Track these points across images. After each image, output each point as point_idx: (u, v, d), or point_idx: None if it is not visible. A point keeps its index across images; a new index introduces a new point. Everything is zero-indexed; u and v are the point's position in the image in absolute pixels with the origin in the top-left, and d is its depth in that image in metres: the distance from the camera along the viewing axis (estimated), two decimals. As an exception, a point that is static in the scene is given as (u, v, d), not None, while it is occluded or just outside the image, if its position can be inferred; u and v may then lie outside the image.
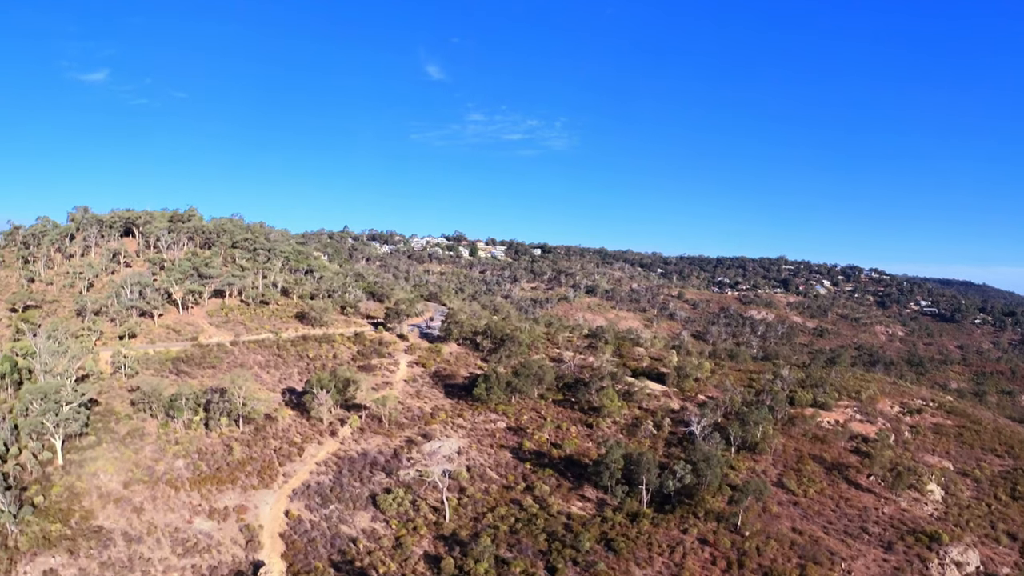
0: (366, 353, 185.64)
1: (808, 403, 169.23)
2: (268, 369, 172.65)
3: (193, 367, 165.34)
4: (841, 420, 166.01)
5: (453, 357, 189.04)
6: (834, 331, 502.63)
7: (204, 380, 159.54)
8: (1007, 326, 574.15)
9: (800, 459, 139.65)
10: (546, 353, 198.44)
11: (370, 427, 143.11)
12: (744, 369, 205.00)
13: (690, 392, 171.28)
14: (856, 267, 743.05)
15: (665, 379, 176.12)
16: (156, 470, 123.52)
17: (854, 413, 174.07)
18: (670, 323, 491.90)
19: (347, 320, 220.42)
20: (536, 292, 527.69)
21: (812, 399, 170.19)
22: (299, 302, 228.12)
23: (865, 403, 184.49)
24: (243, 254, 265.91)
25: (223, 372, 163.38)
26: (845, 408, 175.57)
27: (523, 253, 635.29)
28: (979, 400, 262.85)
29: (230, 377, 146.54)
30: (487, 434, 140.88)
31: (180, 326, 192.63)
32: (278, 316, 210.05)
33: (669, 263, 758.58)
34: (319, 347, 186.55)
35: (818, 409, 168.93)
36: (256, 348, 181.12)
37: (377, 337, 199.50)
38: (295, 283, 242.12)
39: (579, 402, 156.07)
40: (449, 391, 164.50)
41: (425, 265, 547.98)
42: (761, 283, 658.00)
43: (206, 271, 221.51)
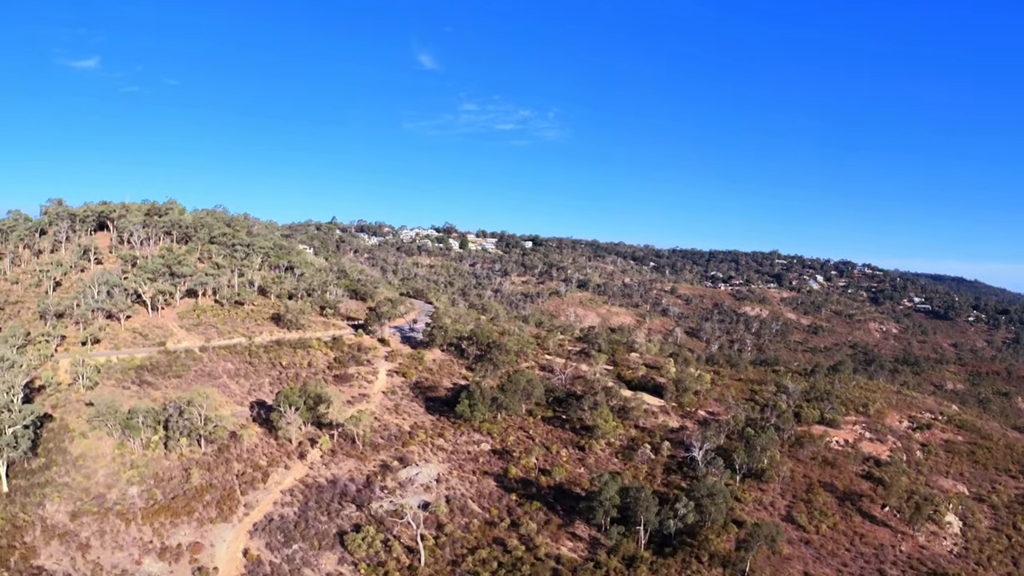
0: (343, 360, 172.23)
1: (815, 420, 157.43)
2: (237, 379, 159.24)
3: (158, 376, 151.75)
4: (851, 439, 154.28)
5: (436, 365, 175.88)
6: (829, 328, 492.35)
7: (168, 391, 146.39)
8: (1000, 324, 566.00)
9: (810, 487, 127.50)
10: (535, 360, 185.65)
11: (342, 449, 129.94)
12: (745, 379, 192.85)
13: (689, 407, 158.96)
14: (849, 262, 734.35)
15: (663, 392, 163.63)
16: (107, 499, 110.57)
17: (863, 431, 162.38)
18: (663, 319, 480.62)
19: (326, 322, 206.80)
20: (527, 286, 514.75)
21: (819, 416, 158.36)
22: (276, 302, 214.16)
23: (873, 418, 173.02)
24: (220, 250, 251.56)
25: (189, 382, 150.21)
26: (853, 425, 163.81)
27: (514, 246, 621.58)
28: (983, 408, 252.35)
29: (190, 394, 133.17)
30: (470, 458, 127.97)
31: (148, 329, 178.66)
32: (253, 318, 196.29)
33: (662, 256, 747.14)
34: (294, 353, 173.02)
35: (826, 427, 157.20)
36: (227, 354, 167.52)
37: (356, 342, 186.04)
38: (274, 281, 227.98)
39: (570, 420, 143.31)
40: (430, 405, 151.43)
41: (414, 257, 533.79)
42: (754, 278, 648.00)
43: (179, 269, 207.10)
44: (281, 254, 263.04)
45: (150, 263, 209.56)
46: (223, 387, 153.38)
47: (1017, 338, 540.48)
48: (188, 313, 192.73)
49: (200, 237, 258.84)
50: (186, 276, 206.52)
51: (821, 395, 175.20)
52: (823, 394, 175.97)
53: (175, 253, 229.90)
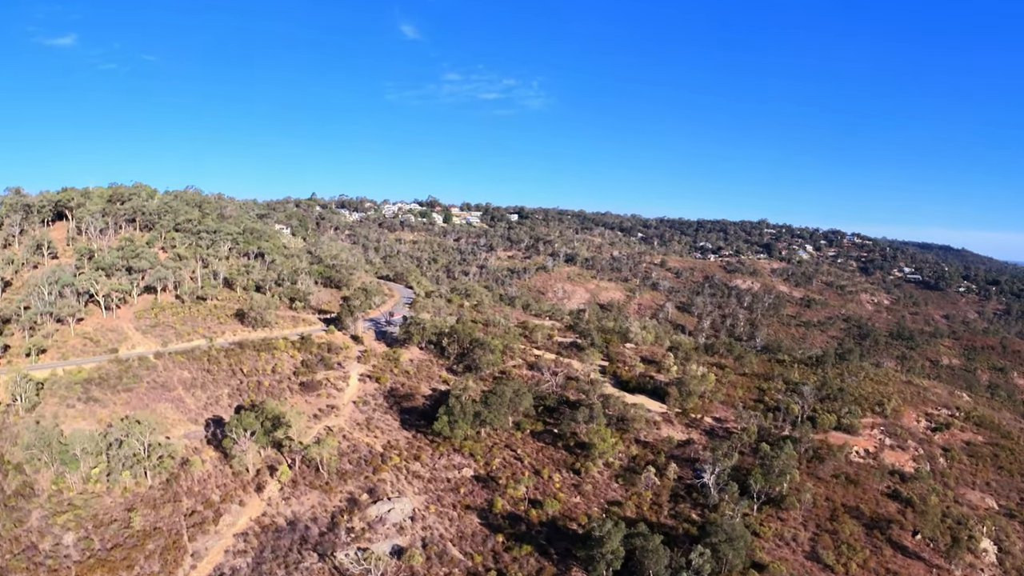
0: (311, 364, 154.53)
1: (832, 426, 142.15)
2: (193, 390, 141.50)
3: (106, 391, 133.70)
4: (871, 448, 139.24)
5: (414, 367, 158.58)
6: (821, 301, 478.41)
7: (117, 408, 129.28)
8: (991, 295, 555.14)
9: (834, 514, 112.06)
10: (523, 358, 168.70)
11: (304, 478, 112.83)
12: (750, 373, 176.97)
13: (694, 412, 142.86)
14: (838, 231, 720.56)
15: (664, 396, 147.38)
16: (40, 550, 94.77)
17: (882, 436, 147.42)
18: (653, 294, 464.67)
19: (295, 317, 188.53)
20: (513, 261, 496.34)
21: (836, 421, 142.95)
22: (243, 295, 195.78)
23: (891, 419, 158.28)
24: (185, 238, 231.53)
25: (140, 397, 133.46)
26: (872, 430, 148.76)
27: (499, 219, 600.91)
28: (991, 394, 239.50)
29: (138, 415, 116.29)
30: (449, 487, 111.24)
31: (101, 333, 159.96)
32: (215, 316, 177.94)
33: (649, 226, 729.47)
34: (257, 357, 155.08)
35: (844, 434, 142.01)
36: (184, 360, 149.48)
37: (326, 341, 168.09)
38: (241, 272, 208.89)
39: (563, 435, 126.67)
40: (406, 418, 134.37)
41: (397, 233, 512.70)
42: (744, 248, 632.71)
43: (136, 264, 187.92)
44: (251, 240, 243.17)
45: (106, 257, 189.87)
46: (177, 401, 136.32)
47: (1008, 309, 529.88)
48: (146, 312, 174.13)
49: (163, 225, 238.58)
50: (144, 271, 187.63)
51: (834, 393, 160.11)
52: (836, 392, 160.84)
53: (134, 245, 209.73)
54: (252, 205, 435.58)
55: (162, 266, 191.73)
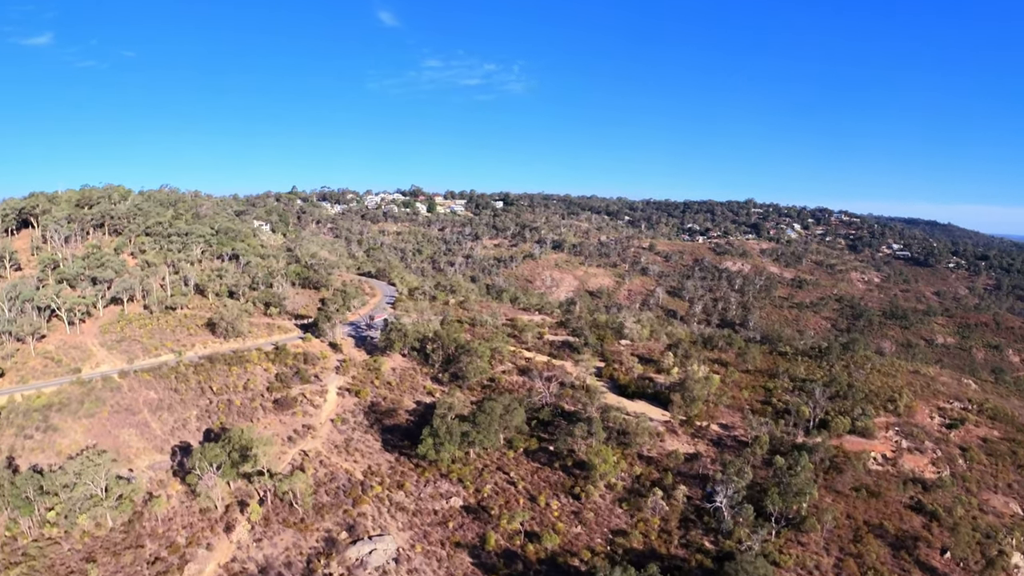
0: (286, 378, 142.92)
1: (846, 429, 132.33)
2: (160, 413, 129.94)
3: (67, 417, 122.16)
4: (888, 453, 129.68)
5: (396, 377, 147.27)
6: (812, 281, 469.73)
7: (78, 438, 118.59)
8: (981, 270, 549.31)
9: (857, 534, 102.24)
10: (512, 362, 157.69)
11: (278, 514, 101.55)
12: (754, 370, 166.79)
13: (699, 419, 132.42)
14: (826, 209, 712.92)
15: (666, 401, 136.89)
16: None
17: (898, 438, 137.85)
18: (643, 279, 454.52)
19: (270, 323, 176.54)
20: (499, 250, 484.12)
21: (850, 424, 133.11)
22: (215, 302, 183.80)
23: (904, 416, 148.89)
24: (156, 242, 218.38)
25: (103, 424, 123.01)
26: (886, 431, 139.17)
27: (484, 206, 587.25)
28: (996, 379, 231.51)
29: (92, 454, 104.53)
30: (437, 520, 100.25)
31: (63, 351, 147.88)
32: (185, 326, 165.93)
33: (636, 209, 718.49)
34: (228, 372, 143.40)
35: (859, 437, 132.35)
36: (150, 379, 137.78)
37: (302, 351, 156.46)
38: (212, 277, 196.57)
39: (560, 453, 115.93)
40: (388, 438, 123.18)
41: (380, 225, 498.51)
42: (732, 229, 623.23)
43: (101, 274, 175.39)
44: (225, 241, 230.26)
45: (70, 267, 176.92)
46: (142, 426, 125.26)
47: (998, 284, 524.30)
48: (112, 325, 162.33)
49: (132, 229, 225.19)
50: (110, 280, 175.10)
51: (843, 390, 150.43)
52: (845, 389, 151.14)
53: (100, 252, 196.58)
54: (230, 202, 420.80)
55: (129, 275, 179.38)
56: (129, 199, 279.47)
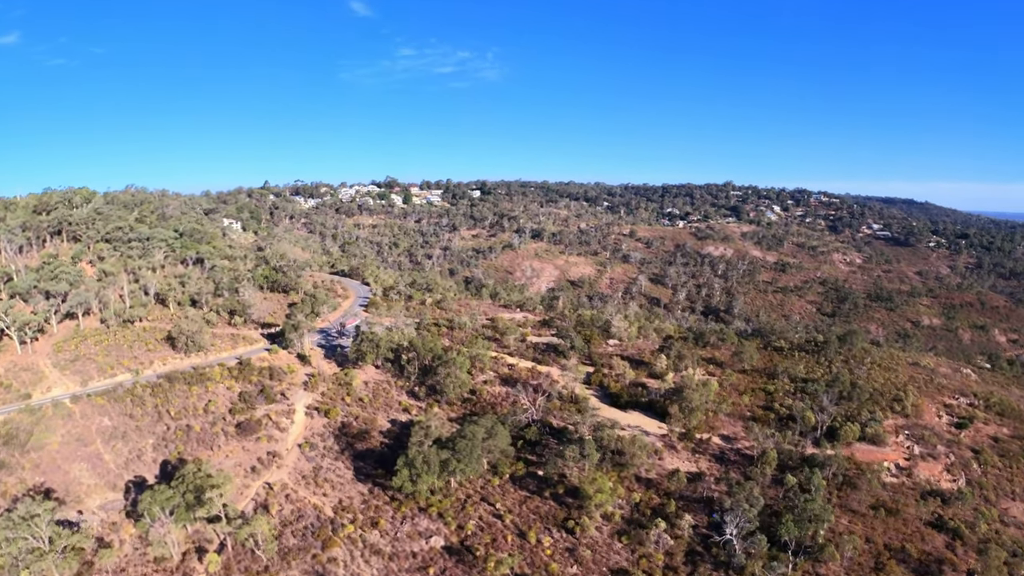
0: (250, 397, 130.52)
1: (856, 436, 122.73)
2: (113, 442, 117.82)
3: (14, 451, 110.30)
4: (902, 462, 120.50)
5: (369, 392, 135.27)
6: (796, 264, 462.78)
7: (25, 475, 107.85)
8: (962, 249, 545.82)
9: (878, 560, 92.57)
10: (494, 370, 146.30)
11: (239, 563, 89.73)
12: (751, 370, 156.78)
13: (699, 431, 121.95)
14: (805, 190, 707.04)
15: (663, 412, 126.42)
16: None
17: (910, 443, 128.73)
18: (624, 266, 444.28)
19: (234, 334, 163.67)
20: (478, 240, 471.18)
21: (860, 431, 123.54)
22: (176, 313, 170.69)
23: (912, 417, 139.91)
24: (115, 248, 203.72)
25: (53, 457, 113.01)
26: (896, 436, 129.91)
27: (461, 196, 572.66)
28: (992, 366, 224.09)
29: (38, 498, 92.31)
30: (416, 565, 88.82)
31: (13, 375, 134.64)
32: (143, 342, 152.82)
33: (614, 194, 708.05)
34: (187, 392, 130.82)
35: (870, 445, 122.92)
36: (104, 403, 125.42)
37: (268, 365, 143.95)
38: (174, 285, 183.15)
39: (549, 479, 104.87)
40: (361, 466, 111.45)
41: (355, 218, 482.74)
42: (712, 212, 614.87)
43: (54, 287, 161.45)
44: (188, 244, 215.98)
45: (23, 280, 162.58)
46: (94, 459, 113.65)
47: (979, 262, 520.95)
48: (66, 343, 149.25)
49: (91, 235, 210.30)
50: (64, 294, 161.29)
51: (847, 390, 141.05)
52: (849, 389, 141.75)
53: (55, 263, 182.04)
54: (199, 200, 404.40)
55: (85, 287, 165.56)
56: (93, 201, 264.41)
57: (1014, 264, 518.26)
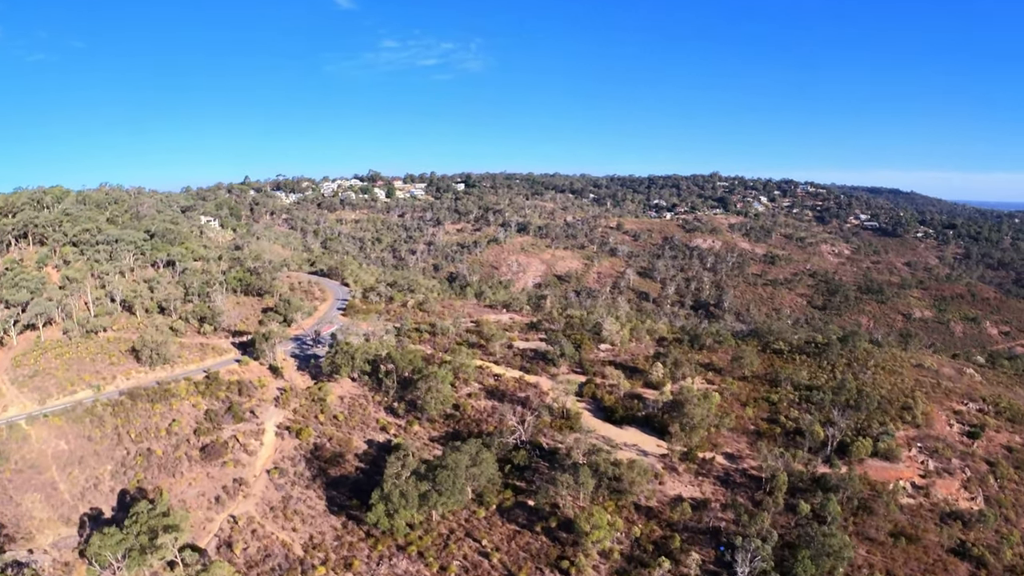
0: (216, 416, 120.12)
1: (868, 452, 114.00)
2: (70, 468, 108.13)
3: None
4: (918, 480, 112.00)
5: (344, 408, 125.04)
6: (785, 256, 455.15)
7: None
8: (949, 239, 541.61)
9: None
10: (479, 382, 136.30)
11: (191, 616, 79.71)
12: (751, 377, 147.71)
13: (701, 449, 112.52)
14: (791, 181, 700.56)
15: (661, 428, 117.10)
16: None
17: (924, 457, 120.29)
18: (612, 260, 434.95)
19: (203, 344, 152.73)
20: (462, 235, 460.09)
21: (872, 446, 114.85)
22: (143, 321, 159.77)
23: (923, 427, 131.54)
24: (82, 251, 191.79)
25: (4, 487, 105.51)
26: (909, 449, 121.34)
27: (445, 189, 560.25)
28: (991, 363, 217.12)
29: None
30: (394, 616, 79.20)
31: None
32: (107, 354, 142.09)
33: (600, 186, 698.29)
34: (150, 411, 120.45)
35: (883, 461, 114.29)
36: (62, 424, 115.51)
37: (238, 378, 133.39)
38: (141, 291, 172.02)
39: (540, 510, 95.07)
40: (334, 495, 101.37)
41: (337, 213, 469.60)
42: (698, 203, 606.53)
43: (14, 295, 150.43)
44: (159, 245, 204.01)
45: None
46: (48, 489, 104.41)
47: (967, 253, 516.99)
48: (25, 356, 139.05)
49: (57, 238, 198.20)
50: (25, 303, 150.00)
51: (853, 397, 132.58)
52: (855, 396, 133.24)
53: (17, 269, 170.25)
54: (177, 198, 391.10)
55: (47, 295, 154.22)
56: (64, 202, 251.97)
57: (1002, 254, 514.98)
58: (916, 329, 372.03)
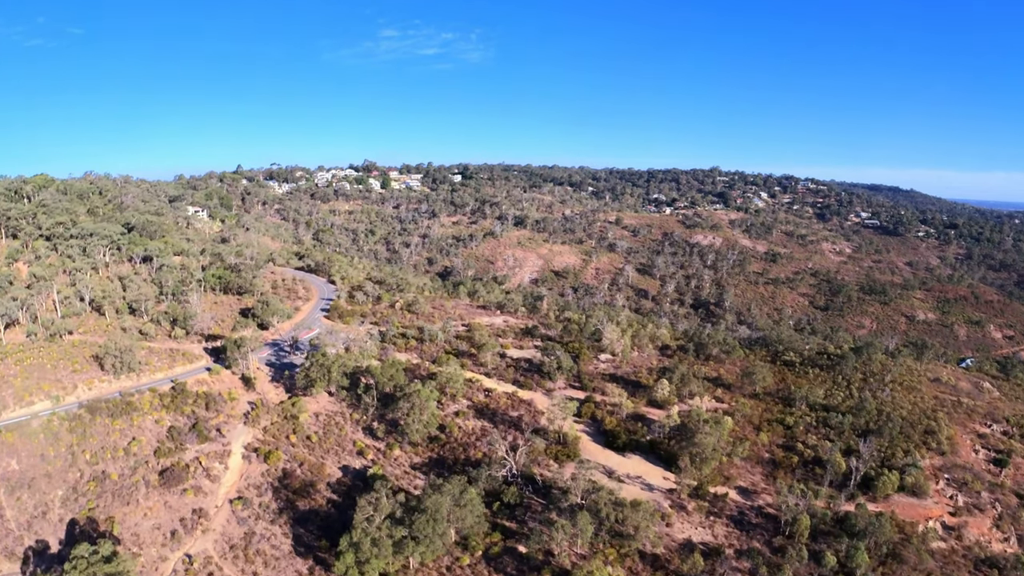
0: (180, 434, 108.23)
1: (895, 487, 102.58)
2: (19, 492, 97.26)
3: None
4: (948, 519, 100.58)
5: (319, 428, 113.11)
6: (786, 255, 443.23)
7: None
8: (951, 239, 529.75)
9: (947, 671, 72.68)
10: (468, 398, 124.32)
11: None
12: (763, 395, 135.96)
13: (713, 483, 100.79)
14: (792, 177, 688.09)
15: (669, 456, 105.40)
16: None
17: (953, 491, 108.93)
18: (611, 256, 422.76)
19: (174, 350, 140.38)
20: (458, 227, 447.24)
21: (899, 481, 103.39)
22: (112, 323, 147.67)
23: (948, 455, 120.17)
24: (54, 246, 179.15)
25: None
26: (936, 481, 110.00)
27: (442, 181, 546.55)
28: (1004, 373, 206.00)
29: None
30: None
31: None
32: (71, 360, 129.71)
33: (599, 179, 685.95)
34: (109, 427, 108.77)
35: (911, 497, 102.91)
36: (14, 441, 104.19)
37: (206, 390, 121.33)
38: (111, 290, 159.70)
39: (532, 558, 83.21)
40: (302, 534, 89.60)
41: (331, 204, 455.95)
42: (698, 198, 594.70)
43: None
44: (136, 240, 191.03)
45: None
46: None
47: (969, 253, 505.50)
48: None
49: (30, 232, 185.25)
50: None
51: (872, 419, 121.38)
52: (874, 418, 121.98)
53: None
54: (165, 187, 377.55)
55: (10, 295, 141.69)
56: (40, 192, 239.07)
57: (1003, 256, 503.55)
58: (920, 332, 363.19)
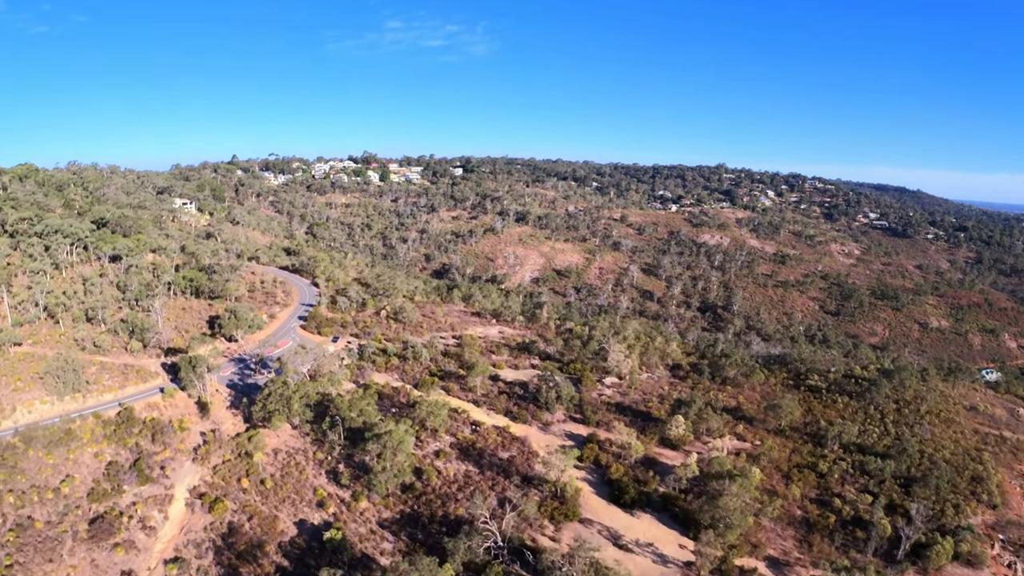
0: (119, 473, 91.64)
1: (949, 557, 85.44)
2: None
3: None
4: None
5: (277, 468, 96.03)
6: (795, 256, 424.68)
7: None
8: (961, 242, 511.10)
9: None
10: (452, 434, 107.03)
11: None
12: (788, 430, 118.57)
13: (740, 552, 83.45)
14: (799, 175, 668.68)
15: (685, 516, 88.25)
16: None
17: (1009, 556, 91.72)
18: (615, 255, 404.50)
19: (128, 365, 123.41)
20: (458, 223, 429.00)
21: (953, 550, 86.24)
22: (67, 332, 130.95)
23: (1000, 508, 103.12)
24: (17, 243, 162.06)
25: None
26: (992, 546, 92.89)
27: (442, 174, 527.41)
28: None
29: None
30: None
31: None
32: (16, 376, 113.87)
33: (603, 174, 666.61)
34: (42, 462, 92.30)
35: (967, 569, 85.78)
36: None
37: (155, 417, 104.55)
38: (75, 292, 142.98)
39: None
40: (242, 615, 72.89)
41: (327, 196, 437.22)
42: (704, 196, 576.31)
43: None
44: (105, 237, 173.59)
45: None
46: None
47: (979, 257, 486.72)
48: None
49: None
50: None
51: (914, 463, 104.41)
52: (916, 461, 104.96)
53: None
54: (154, 177, 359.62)
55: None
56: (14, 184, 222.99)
57: (1015, 260, 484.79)
58: (934, 341, 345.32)
